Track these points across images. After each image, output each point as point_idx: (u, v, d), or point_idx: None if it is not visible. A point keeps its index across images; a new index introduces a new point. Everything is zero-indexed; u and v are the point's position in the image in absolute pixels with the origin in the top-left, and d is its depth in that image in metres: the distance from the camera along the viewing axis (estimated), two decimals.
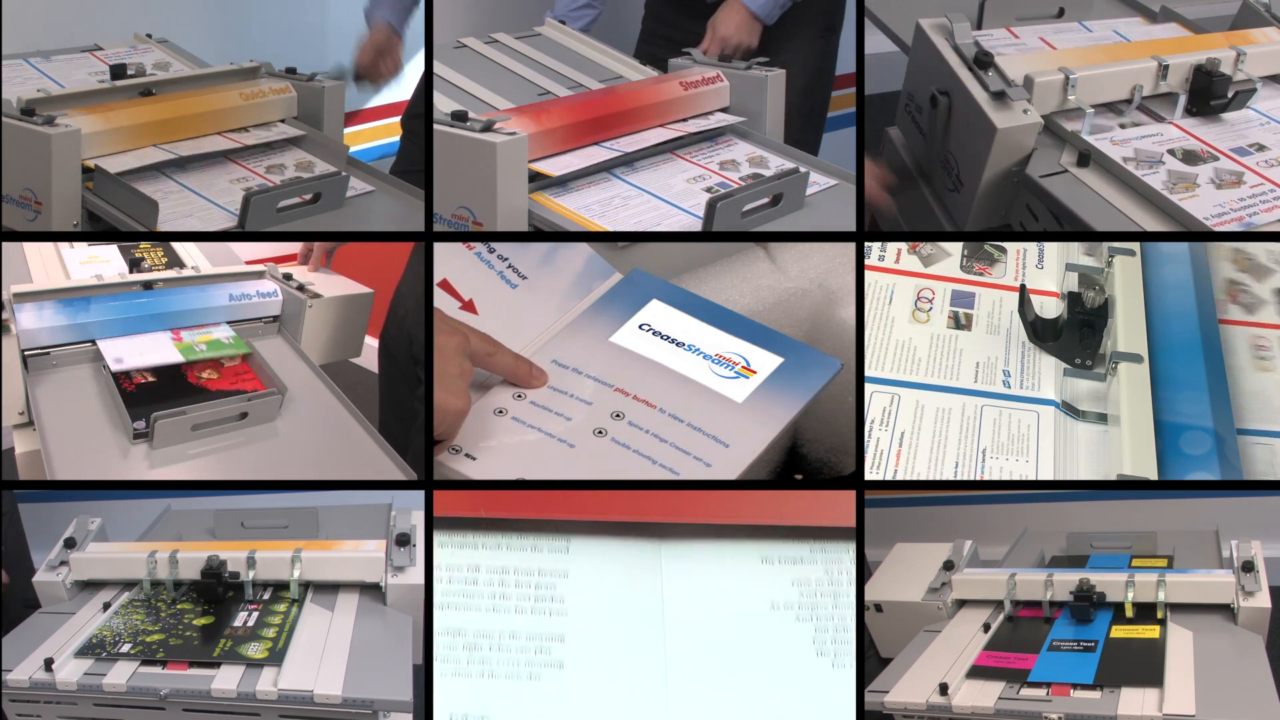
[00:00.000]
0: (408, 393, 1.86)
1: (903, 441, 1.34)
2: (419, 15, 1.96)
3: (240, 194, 1.48)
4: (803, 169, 1.54)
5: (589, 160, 1.51)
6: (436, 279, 1.33)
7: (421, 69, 2.03)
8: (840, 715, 1.18)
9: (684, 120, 1.64)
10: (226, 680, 1.20)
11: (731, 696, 1.18)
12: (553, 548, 1.23)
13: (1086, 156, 1.50)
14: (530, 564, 1.21)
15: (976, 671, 1.33)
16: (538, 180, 1.47)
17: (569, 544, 1.23)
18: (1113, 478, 1.25)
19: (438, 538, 1.21)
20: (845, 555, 1.24)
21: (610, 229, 1.43)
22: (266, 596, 1.41)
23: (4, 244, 1.58)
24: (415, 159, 1.90)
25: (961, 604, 1.55)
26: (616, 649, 1.19)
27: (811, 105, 2.13)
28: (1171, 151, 1.52)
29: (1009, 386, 1.42)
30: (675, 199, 1.49)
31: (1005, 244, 1.66)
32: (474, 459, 1.14)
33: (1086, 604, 1.42)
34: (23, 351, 1.49)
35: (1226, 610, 1.40)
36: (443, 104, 1.59)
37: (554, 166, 1.48)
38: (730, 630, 1.21)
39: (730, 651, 1.20)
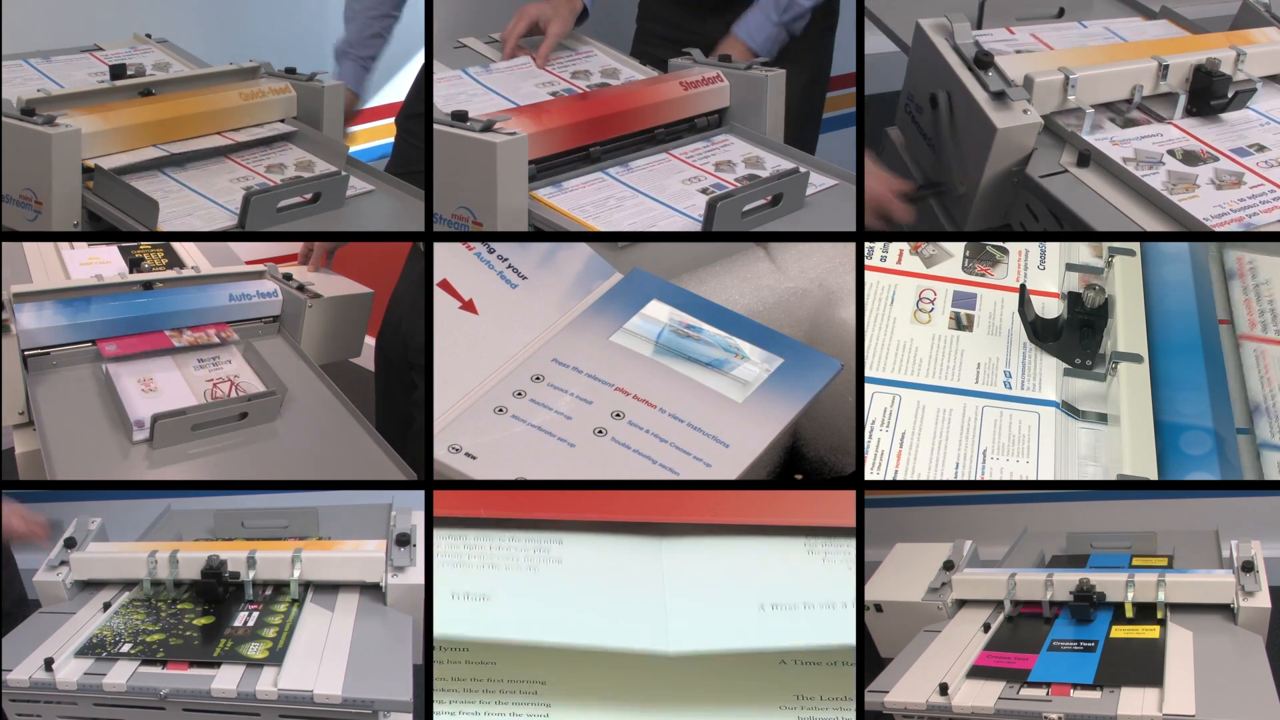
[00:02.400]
0: (403, 398, 1.86)
1: (903, 442, 1.34)
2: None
3: (240, 193, 1.48)
4: (802, 169, 1.54)
5: (644, 214, 1.48)
6: (436, 279, 1.33)
7: (406, 68, 2.03)
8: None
9: (725, 164, 1.64)
10: (226, 680, 1.20)
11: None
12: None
13: (1086, 157, 1.50)
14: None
15: (976, 671, 1.33)
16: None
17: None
18: (1113, 478, 1.25)
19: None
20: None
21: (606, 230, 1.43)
22: (269, 593, 1.41)
23: (4, 244, 1.58)
24: (411, 159, 1.90)
25: (961, 604, 1.55)
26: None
27: (809, 105, 2.12)
28: (1171, 152, 1.52)
29: (1010, 387, 1.42)
30: (670, 200, 1.49)
31: (1007, 245, 1.66)
32: (474, 458, 1.14)
33: (1086, 604, 1.42)
34: (23, 351, 1.49)
35: (1226, 610, 1.40)
36: (443, 104, 1.59)
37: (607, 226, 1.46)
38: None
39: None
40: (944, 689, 1.27)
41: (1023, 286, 1.50)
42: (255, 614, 1.35)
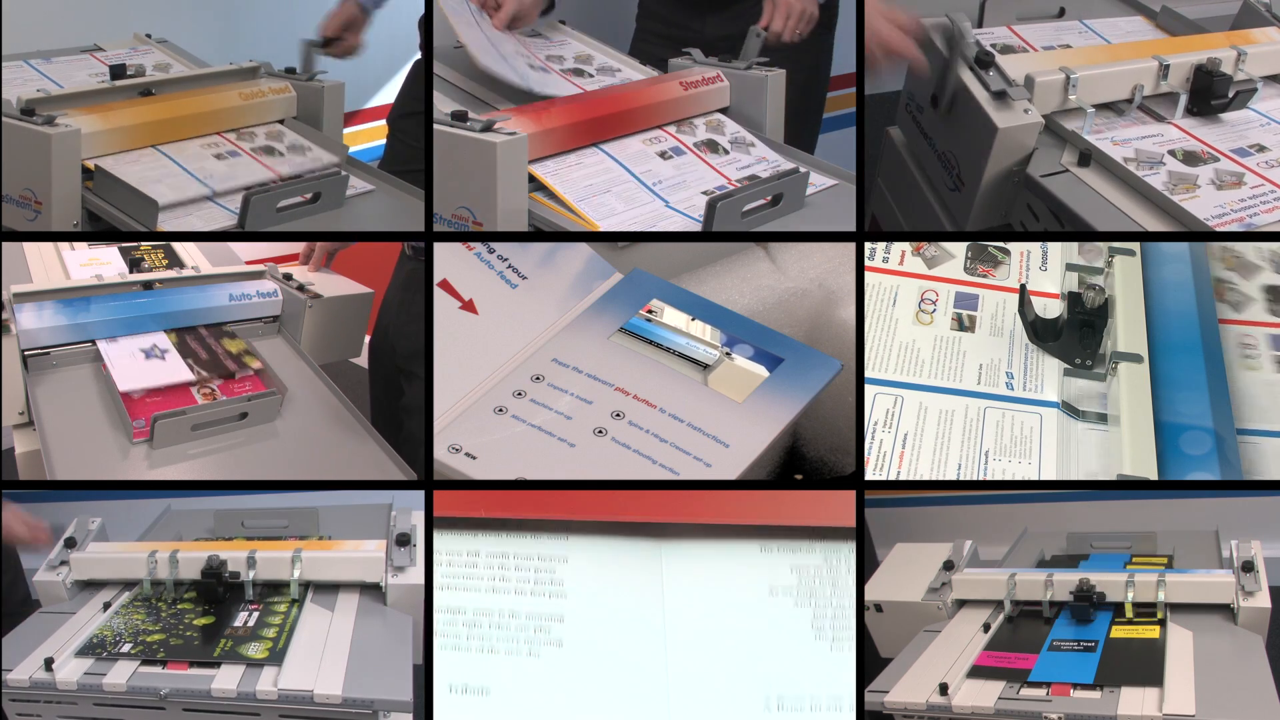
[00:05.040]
0: (392, 403, 1.87)
1: (906, 443, 1.34)
2: (392, 4, 1.95)
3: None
4: (802, 169, 1.54)
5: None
6: (436, 279, 1.33)
7: (406, 68, 2.03)
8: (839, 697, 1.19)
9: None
10: (226, 680, 1.20)
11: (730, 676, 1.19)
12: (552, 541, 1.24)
13: (1087, 156, 1.50)
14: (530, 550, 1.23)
15: (976, 671, 1.33)
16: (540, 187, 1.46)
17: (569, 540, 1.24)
18: (1113, 478, 1.25)
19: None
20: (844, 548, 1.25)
21: (592, 215, 1.42)
22: (269, 593, 1.41)
23: (4, 244, 1.58)
24: (404, 158, 1.90)
25: (961, 604, 1.55)
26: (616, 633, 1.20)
27: (808, 104, 2.12)
28: (1172, 152, 1.52)
29: (1012, 389, 1.42)
30: (665, 193, 1.49)
31: (1010, 246, 1.66)
32: (474, 458, 1.14)
33: (1086, 604, 1.42)
34: (23, 351, 1.49)
35: (1226, 610, 1.40)
36: (442, 104, 1.59)
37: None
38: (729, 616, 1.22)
39: (729, 637, 1.21)
40: (944, 689, 1.27)
41: (1023, 286, 1.50)
42: (255, 614, 1.35)
